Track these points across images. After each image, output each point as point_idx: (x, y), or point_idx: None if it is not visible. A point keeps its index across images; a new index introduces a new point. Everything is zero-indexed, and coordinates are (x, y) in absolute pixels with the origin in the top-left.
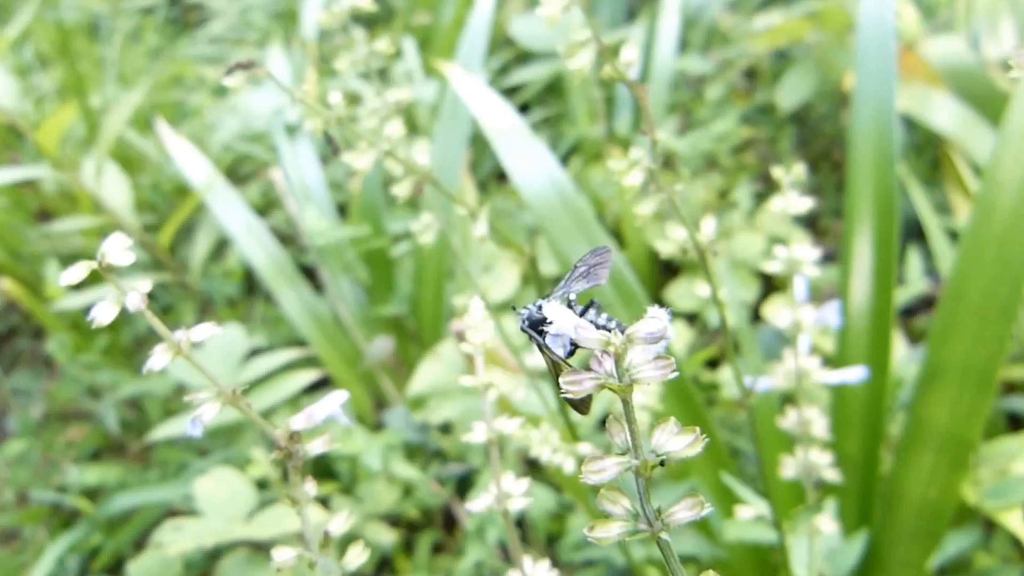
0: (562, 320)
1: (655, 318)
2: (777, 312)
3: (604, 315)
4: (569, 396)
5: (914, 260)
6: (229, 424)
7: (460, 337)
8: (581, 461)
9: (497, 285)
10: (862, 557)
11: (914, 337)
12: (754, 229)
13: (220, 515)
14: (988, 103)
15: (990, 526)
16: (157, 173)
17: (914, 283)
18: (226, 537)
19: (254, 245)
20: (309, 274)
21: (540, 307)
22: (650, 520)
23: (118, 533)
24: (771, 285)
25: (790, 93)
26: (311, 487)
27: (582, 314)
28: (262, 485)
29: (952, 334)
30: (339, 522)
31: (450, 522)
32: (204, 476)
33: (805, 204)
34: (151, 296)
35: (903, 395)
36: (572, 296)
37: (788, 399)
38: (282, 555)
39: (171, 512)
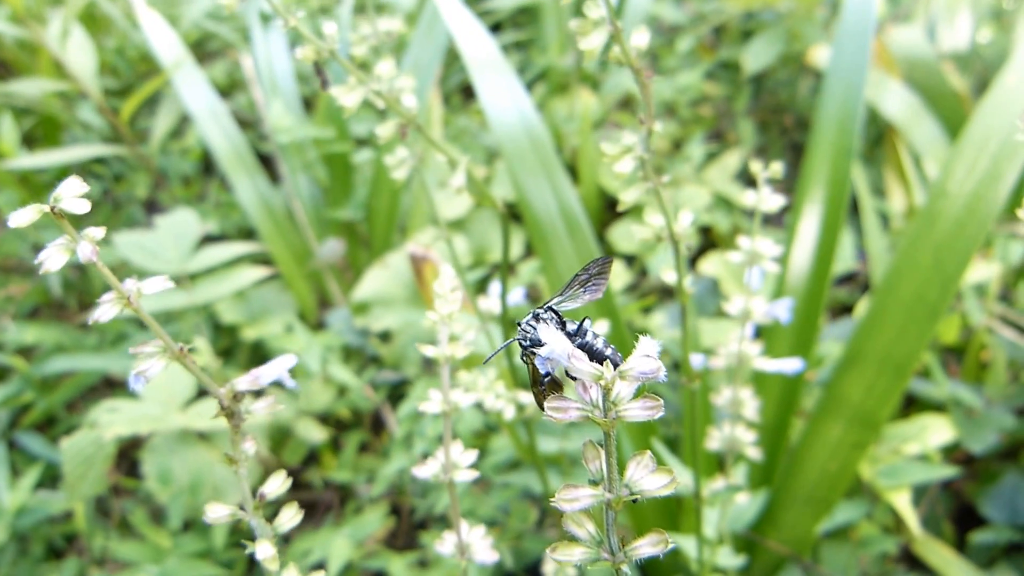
0: (557, 347)
1: (649, 357)
2: (731, 300)
3: (600, 338)
4: (554, 418)
5: (847, 239)
6: (171, 308)
7: (416, 261)
8: (520, 408)
9: (451, 203)
10: (759, 515)
11: (831, 308)
12: (701, 183)
13: (157, 400)
14: (938, 96)
15: (875, 496)
16: (123, 38)
17: (844, 260)
18: (162, 425)
19: (214, 127)
20: (266, 162)
21: (536, 324)
22: (613, 550)
23: (51, 393)
24: (709, 239)
25: (755, 57)
26: (251, 446)
27: (576, 332)
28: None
29: (878, 325)
30: (275, 484)
31: (378, 425)
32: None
33: (777, 201)
34: (105, 163)
35: (822, 373)
36: (556, 310)
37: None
38: (215, 512)
39: (107, 379)
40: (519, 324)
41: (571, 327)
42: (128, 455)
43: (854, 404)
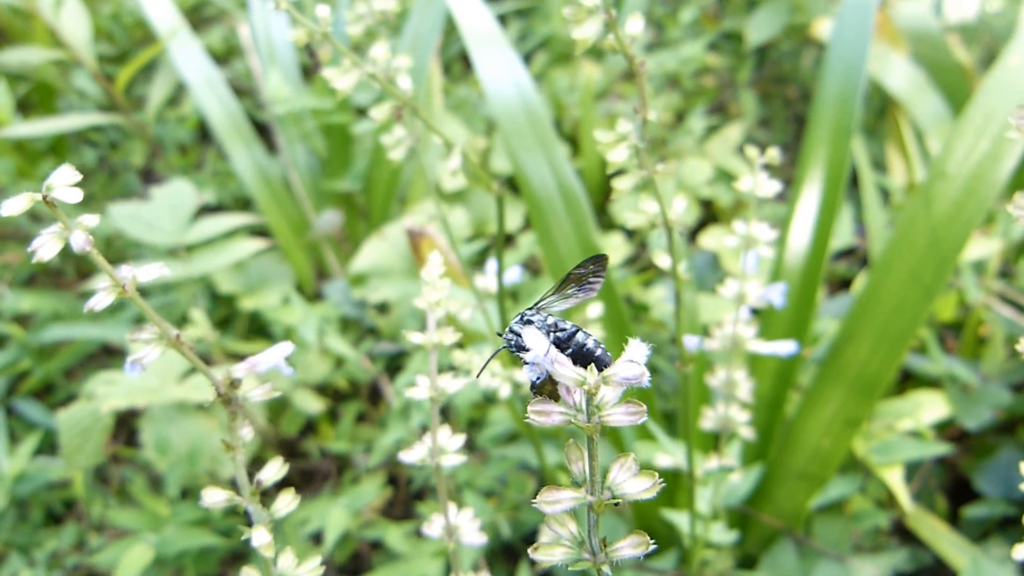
0: (540, 351)
1: (633, 362)
2: (726, 284)
3: (591, 338)
4: (536, 422)
5: (846, 213)
6: (168, 279)
7: (413, 236)
8: (516, 385)
9: (451, 176)
10: (753, 489)
11: (830, 283)
12: (703, 156)
13: (154, 372)
14: (942, 70)
15: (868, 471)
16: (118, 4)
17: (843, 235)
18: (159, 398)
19: (210, 96)
20: (263, 131)
21: (522, 328)
22: (594, 551)
23: (49, 361)
24: (710, 212)
25: (759, 29)
26: (247, 432)
27: (571, 336)
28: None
29: (874, 303)
30: (271, 470)
31: (375, 395)
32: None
33: (773, 188)
34: (101, 131)
35: (818, 350)
36: (552, 318)
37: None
38: (212, 497)
39: (105, 347)
40: (508, 329)
41: (563, 326)
42: (127, 423)
43: (849, 381)
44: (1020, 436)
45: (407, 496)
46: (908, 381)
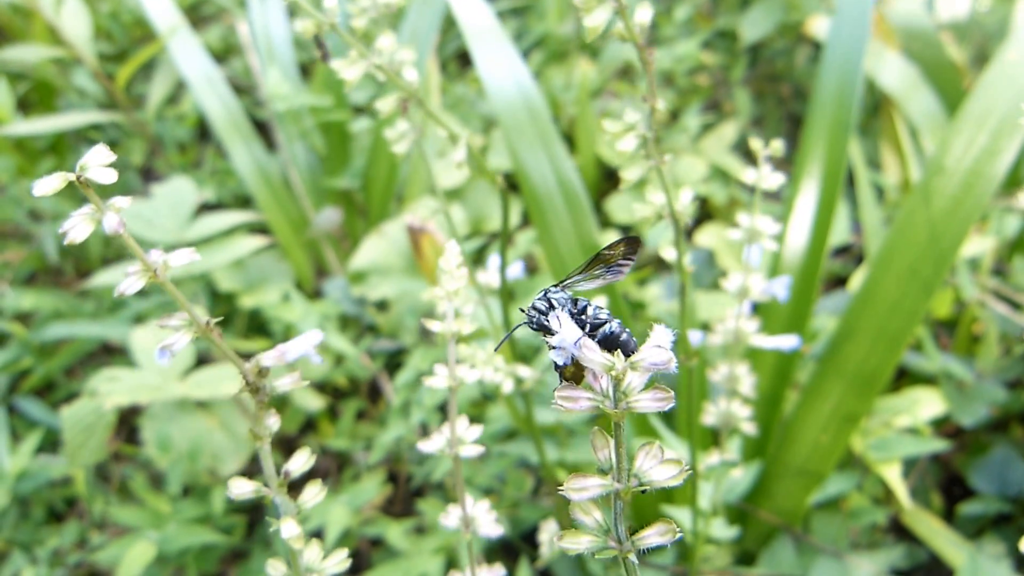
0: (567, 335)
1: (661, 348)
2: (730, 278)
3: (616, 321)
4: (562, 407)
5: (842, 211)
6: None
7: (413, 233)
8: (519, 381)
9: (449, 172)
10: (752, 486)
11: (825, 280)
12: (698, 153)
13: (156, 369)
14: (935, 67)
15: (866, 468)
16: (117, 2)
17: (839, 233)
18: (161, 395)
19: (210, 93)
20: (263, 129)
21: (546, 306)
22: (620, 539)
23: (50, 359)
24: (705, 210)
25: (753, 26)
26: (274, 421)
27: (598, 325)
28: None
29: (873, 300)
30: (299, 461)
31: (375, 393)
32: (141, 327)
33: (778, 180)
34: (101, 129)
35: (816, 347)
36: (570, 295)
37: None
38: (240, 488)
39: (105, 346)
40: (531, 306)
41: (590, 310)
42: (128, 421)
43: (848, 377)
44: (1014, 433)
45: (407, 493)
46: (904, 378)
